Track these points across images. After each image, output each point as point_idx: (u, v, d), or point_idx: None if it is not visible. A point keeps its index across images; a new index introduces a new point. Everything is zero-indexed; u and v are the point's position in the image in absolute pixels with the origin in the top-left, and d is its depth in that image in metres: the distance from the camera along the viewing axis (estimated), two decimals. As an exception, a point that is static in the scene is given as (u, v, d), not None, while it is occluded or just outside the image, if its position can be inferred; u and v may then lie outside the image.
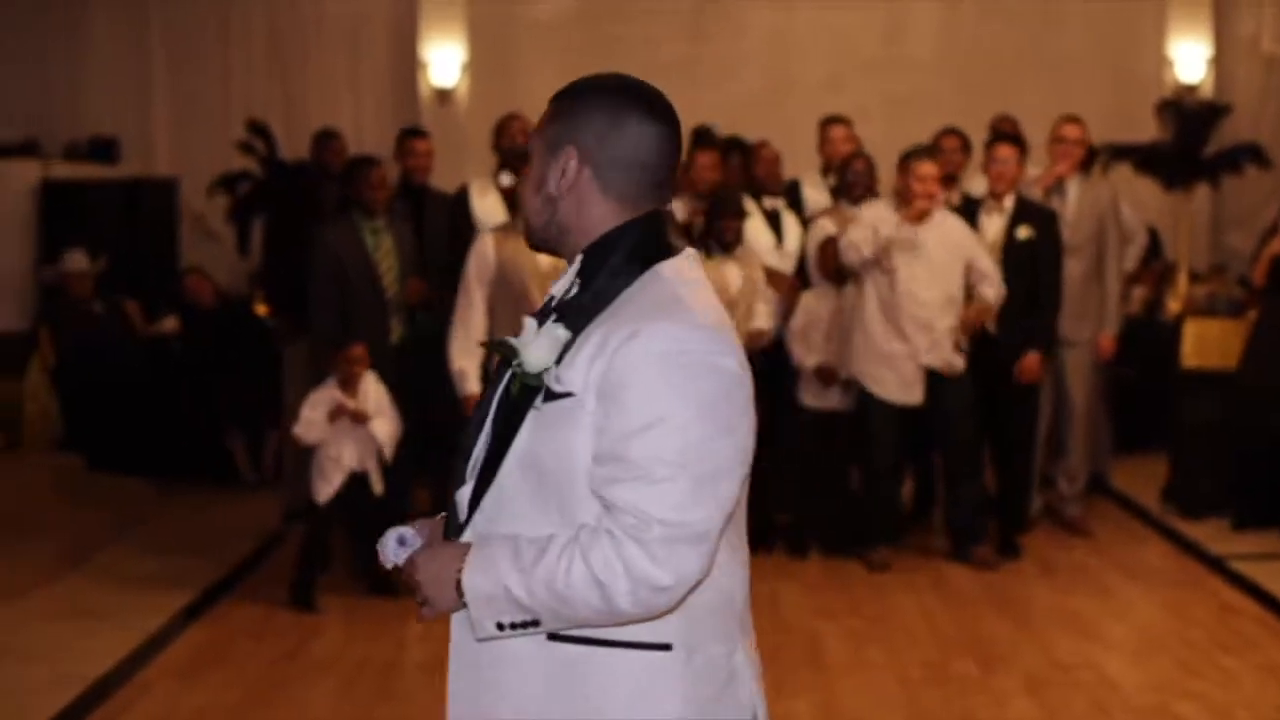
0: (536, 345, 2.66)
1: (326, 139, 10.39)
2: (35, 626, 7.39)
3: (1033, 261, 8.68)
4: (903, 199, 8.36)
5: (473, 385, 7.57)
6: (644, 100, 2.72)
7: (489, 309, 7.64)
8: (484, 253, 7.67)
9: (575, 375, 2.59)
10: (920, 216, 8.28)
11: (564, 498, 2.59)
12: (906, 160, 8.44)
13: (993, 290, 8.41)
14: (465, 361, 7.64)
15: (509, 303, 7.59)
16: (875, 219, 8.37)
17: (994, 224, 8.70)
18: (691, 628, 2.63)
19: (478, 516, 2.68)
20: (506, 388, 2.71)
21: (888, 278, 8.32)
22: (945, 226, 8.39)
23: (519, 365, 2.65)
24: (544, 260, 7.57)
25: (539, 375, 2.63)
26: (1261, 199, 13.29)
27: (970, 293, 8.45)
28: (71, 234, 11.48)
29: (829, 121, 9.88)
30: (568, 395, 2.59)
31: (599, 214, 2.72)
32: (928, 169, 8.33)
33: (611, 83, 2.75)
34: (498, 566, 2.57)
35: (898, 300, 8.33)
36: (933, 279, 8.33)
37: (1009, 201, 8.76)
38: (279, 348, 10.09)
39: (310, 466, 7.92)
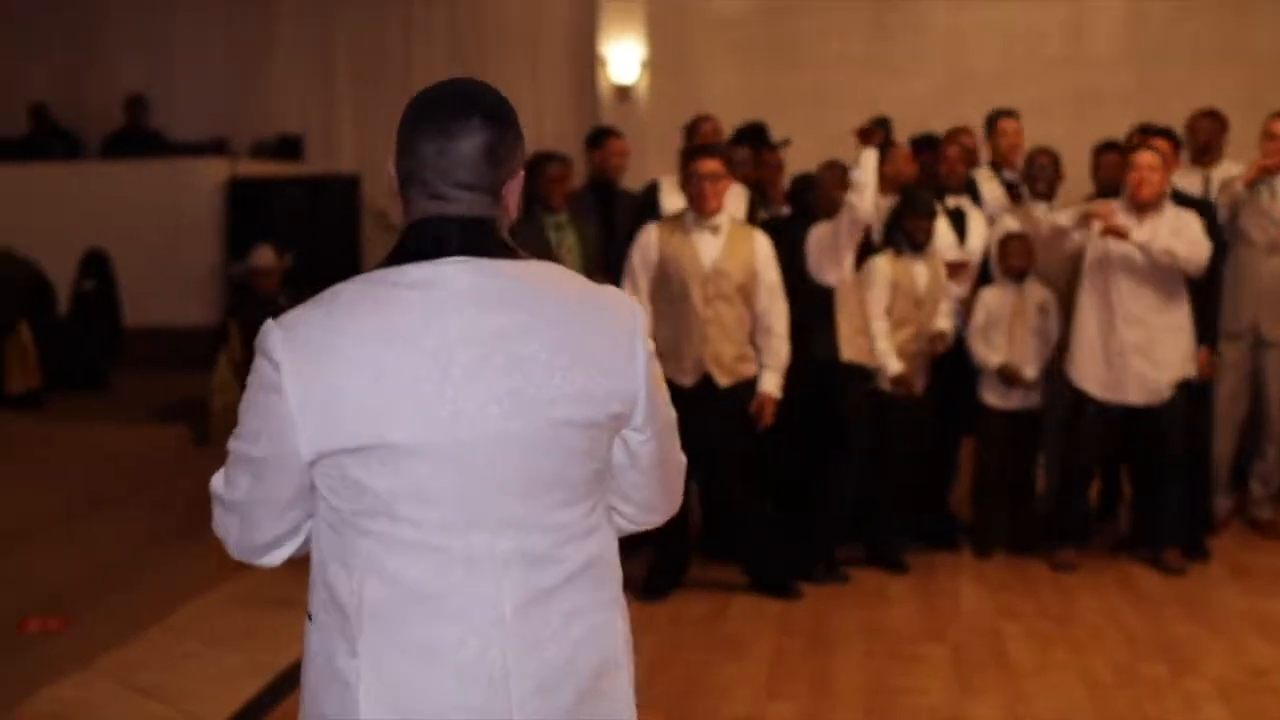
0: None
1: None
2: (226, 615, 7.52)
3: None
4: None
5: None
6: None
7: (652, 304, 7.65)
8: (648, 244, 7.68)
9: None
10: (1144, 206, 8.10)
11: None
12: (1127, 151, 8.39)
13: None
14: None
15: (667, 299, 7.60)
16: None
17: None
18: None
19: None
20: None
21: (1103, 275, 8.17)
22: (1174, 222, 8.20)
23: None
24: (706, 260, 7.58)
25: None
26: None
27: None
28: (258, 230, 11.68)
29: (998, 115, 9.77)
30: None
31: None
32: (1147, 158, 8.14)
33: None
34: None
35: (1115, 297, 8.19)
36: (1147, 277, 8.14)
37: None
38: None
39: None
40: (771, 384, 7.73)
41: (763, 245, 7.75)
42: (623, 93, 14.03)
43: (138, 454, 8.95)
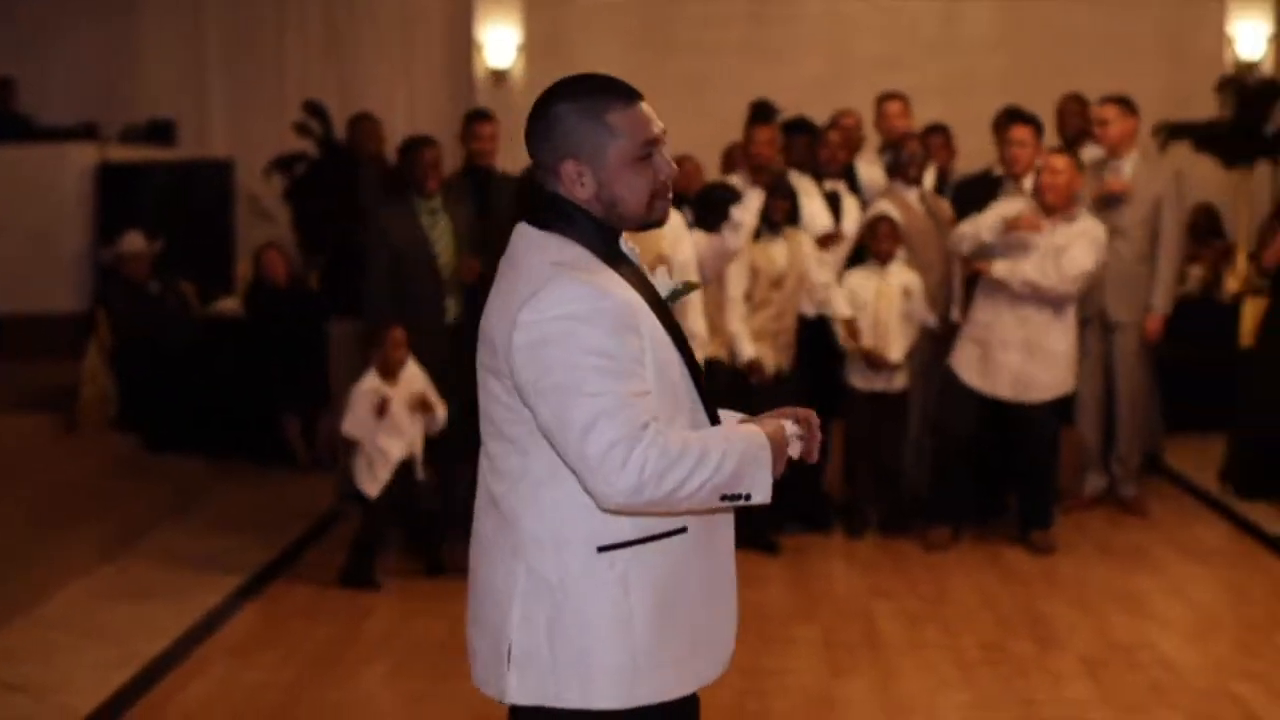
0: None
1: (359, 121, 10.42)
2: (95, 605, 7.45)
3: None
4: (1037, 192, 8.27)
5: None
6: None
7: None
8: None
9: None
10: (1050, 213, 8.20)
11: None
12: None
13: None
14: None
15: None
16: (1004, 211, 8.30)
17: (1016, 206, 8.47)
18: None
19: None
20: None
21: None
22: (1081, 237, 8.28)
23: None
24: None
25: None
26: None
27: None
28: (128, 216, 11.52)
29: (885, 98, 9.85)
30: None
31: None
32: (1060, 162, 8.24)
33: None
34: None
35: (1008, 294, 8.28)
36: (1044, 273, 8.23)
37: (1029, 183, 8.63)
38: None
39: (356, 457, 7.95)
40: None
41: (674, 224, 7.70)
42: (499, 77, 13.99)
43: (4, 444, 8.81)
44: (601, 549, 3.01)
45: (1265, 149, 12.59)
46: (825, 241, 8.79)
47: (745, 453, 2.98)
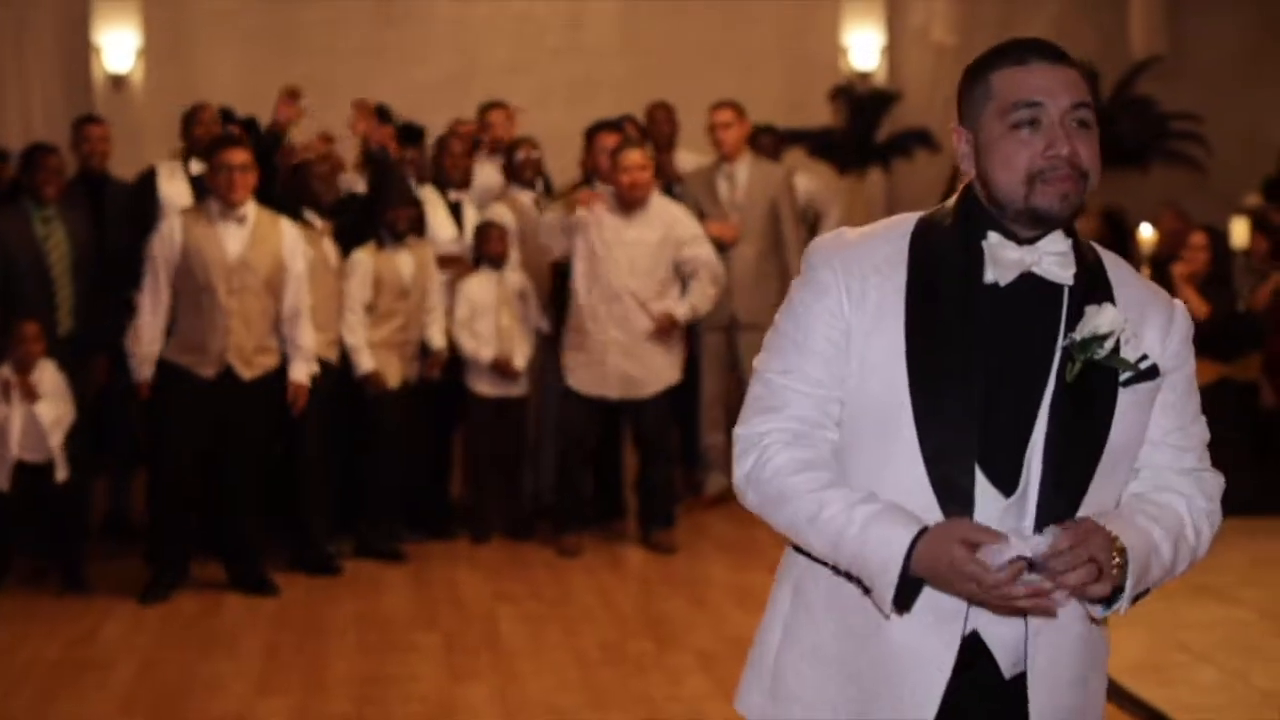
0: (1100, 322, 2.65)
1: None
2: None
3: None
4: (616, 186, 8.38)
5: (146, 371, 7.54)
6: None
7: (172, 296, 7.54)
8: (170, 235, 7.54)
9: (1154, 353, 2.71)
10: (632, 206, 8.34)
11: (1119, 471, 2.72)
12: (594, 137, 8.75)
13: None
14: (142, 346, 7.54)
15: (191, 291, 7.48)
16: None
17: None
18: None
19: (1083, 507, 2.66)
20: (1061, 375, 2.65)
21: (592, 270, 8.38)
22: (664, 214, 8.47)
23: (1091, 351, 2.64)
24: (231, 252, 7.49)
25: (1133, 359, 2.67)
26: (932, 183, 13.68)
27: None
28: None
29: (486, 108, 9.94)
30: (1155, 373, 2.70)
31: None
32: (635, 158, 8.38)
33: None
34: (1149, 533, 2.66)
35: (600, 294, 8.41)
36: (634, 271, 8.41)
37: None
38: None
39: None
40: (301, 372, 7.77)
41: (290, 235, 7.74)
42: (118, 82, 13.64)
43: None
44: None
45: (876, 156, 13.06)
46: (445, 264, 8.79)
47: (856, 559, 2.62)
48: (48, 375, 7.73)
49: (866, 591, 2.61)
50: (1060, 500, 2.63)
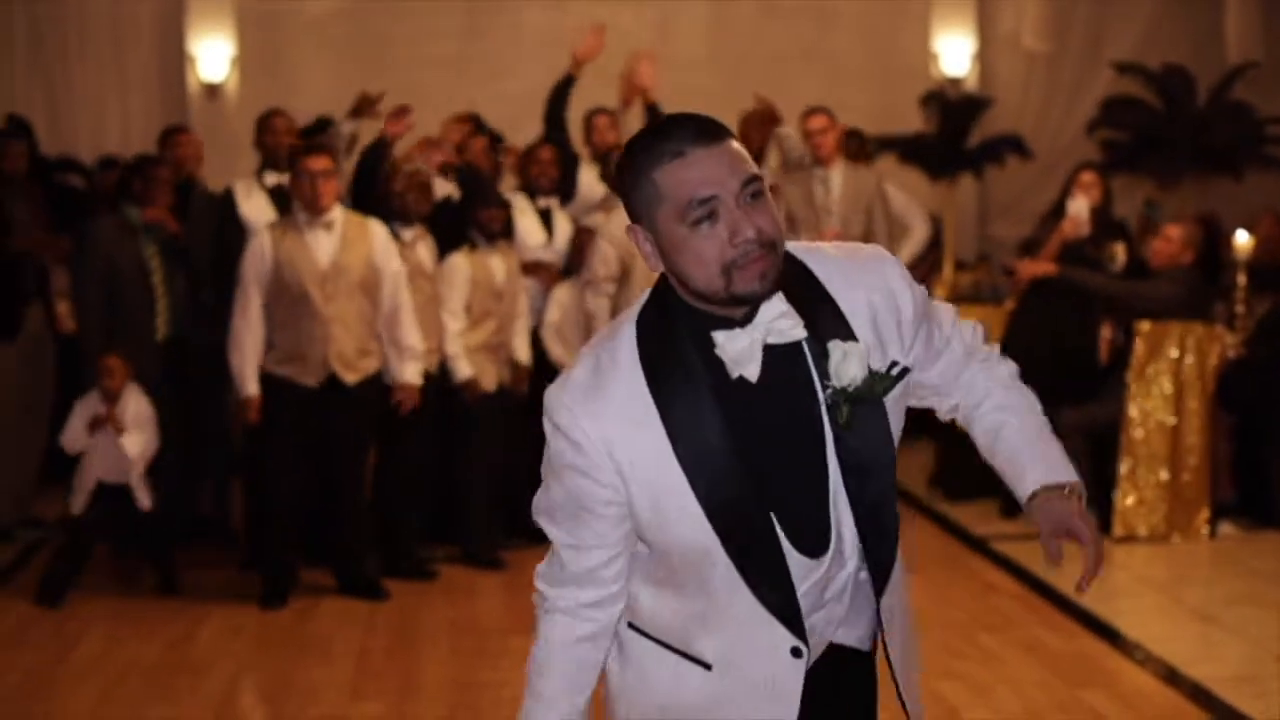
0: (849, 366, 2.69)
1: None
2: None
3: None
4: None
5: (251, 387, 7.56)
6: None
7: (267, 309, 7.57)
8: (260, 252, 7.57)
9: (892, 350, 2.77)
10: None
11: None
12: None
13: None
14: (244, 363, 7.56)
15: (288, 303, 7.51)
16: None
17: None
18: None
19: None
20: (834, 420, 2.71)
21: None
22: None
23: (854, 392, 2.69)
24: (322, 259, 7.52)
25: (884, 368, 2.73)
26: (1024, 189, 13.60)
27: None
28: None
29: (594, 113, 9.94)
30: (907, 370, 2.77)
31: None
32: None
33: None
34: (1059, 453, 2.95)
35: None
36: None
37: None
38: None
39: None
40: (411, 373, 7.82)
41: (380, 236, 7.74)
42: (212, 90, 13.79)
43: None
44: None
45: (967, 162, 12.98)
46: (530, 270, 8.81)
47: None
48: (132, 404, 7.78)
49: None
50: (879, 525, 2.82)
